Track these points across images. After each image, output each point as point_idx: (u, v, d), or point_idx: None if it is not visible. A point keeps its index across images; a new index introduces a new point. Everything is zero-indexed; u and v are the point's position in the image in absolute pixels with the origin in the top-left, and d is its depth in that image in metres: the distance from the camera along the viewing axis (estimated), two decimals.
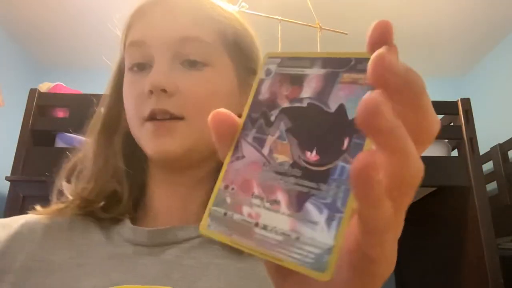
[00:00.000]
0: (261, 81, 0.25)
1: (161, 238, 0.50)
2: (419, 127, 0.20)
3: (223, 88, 0.52)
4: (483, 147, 1.81)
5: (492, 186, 1.89)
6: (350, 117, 0.20)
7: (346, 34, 1.68)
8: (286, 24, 1.64)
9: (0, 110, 1.89)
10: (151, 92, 0.48)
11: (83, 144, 0.56)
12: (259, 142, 0.23)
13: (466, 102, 1.73)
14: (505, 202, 1.81)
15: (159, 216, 0.54)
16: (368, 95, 0.18)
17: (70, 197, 0.52)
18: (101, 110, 0.56)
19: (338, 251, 0.19)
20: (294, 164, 0.21)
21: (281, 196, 0.21)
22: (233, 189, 0.23)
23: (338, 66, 0.21)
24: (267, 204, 0.22)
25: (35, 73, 2.63)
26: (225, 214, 0.23)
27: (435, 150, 1.70)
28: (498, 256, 1.53)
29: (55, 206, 0.53)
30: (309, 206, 0.20)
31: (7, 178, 1.56)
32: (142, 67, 0.51)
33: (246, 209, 0.22)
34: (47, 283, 0.46)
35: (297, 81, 0.23)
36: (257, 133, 0.23)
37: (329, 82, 0.22)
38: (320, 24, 1.67)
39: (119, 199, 0.53)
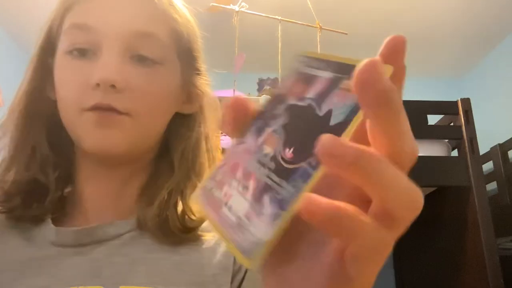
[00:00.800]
0: (287, 77, 0.26)
1: (88, 237, 0.48)
2: (395, 151, 0.19)
3: (170, 87, 0.51)
4: (483, 147, 1.81)
5: (492, 186, 1.89)
6: (332, 122, 0.20)
7: (346, 34, 1.68)
8: (286, 24, 1.64)
9: (0, 110, 1.89)
10: (98, 85, 0.45)
11: (3, 126, 0.52)
12: (260, 132, 0.24)
13: (466, 102, 1.73)
14: (505, 202, 1.81)
15: (90, 212, 0.51)
16: (368, 61, 0.18)
17: None
18: (23, 88, 0.51)
19: (269, 247, 0.20)
20: (273, 158, 0.22)
21: (252, 184, 0.23)
22: (226, 168, 0.25)
23: (344, 72, 0.22)
24: (240, 188, 0.23)
25: None
26: (211, 188, 0.25)
27: (435, 150, 1.70)
28: (498, 256, 1.53)
29: None
30: (266, 199, 0.21)
31: None
32: (84, 52, 0.47)
33: (225, 188, 0.24)
34: None
35: (310, 81, 0.24)
36: (262, 123, 0.25)
37: (330, 87, 0.22)
38: (320, 24, 1.67)
39: (44, 192, 0.49)
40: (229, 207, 0.23)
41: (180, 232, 0.48)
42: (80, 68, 0.46)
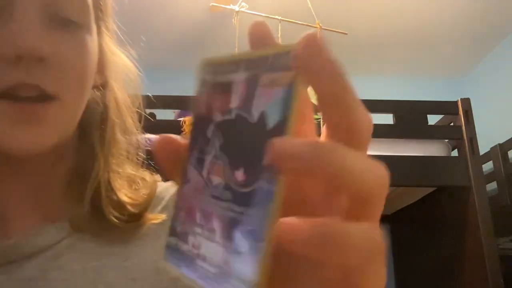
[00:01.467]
0: (199, 94, 0.22)
1: (13, 253, 0.38)
2: (347, 126, 0.18)
3: (93, 54, 0.40)
4: (483, 147, 1.81)
5: (492, 186, 1.89)
6: (270, 126, 0.18)
7: (346, 34, 1.68)
8: (286, 24, 1.64)
9: None
10: (19, 58, 0.33)
11: None
12: (200, 163, 0.21)
13: (466, 102, 1.73)
14: (505, 202, 1.81)
15: (9, 220, 0.40)
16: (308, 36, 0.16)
17: None
18: None
19: (263, 284, 0.17)
20: (226, 186, 0.19)
21: (216, 224, 0.20)
22: (182, 216, 0.22)
23: (258, 67, 0.19)
24: (206, 233, 0.20)
25: None
26: (176, 244, 0.22)
27: (435, 150, 1.70)
28: (498, 256, 1.53)
29: None
30: (237, 235, 0.18)
31: None
32: None
33: (191, 239, 0.21)
34: None
35: (227, 89, 0.20)
36: (199, 153, 0.22)
37: (251, 88, 0.19)
38: (320, 24, 1.67)
39: None
40: (203, 258, 0.20)
41: (123, 223, 0.40)
42: None
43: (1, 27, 0.34)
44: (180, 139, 0.22)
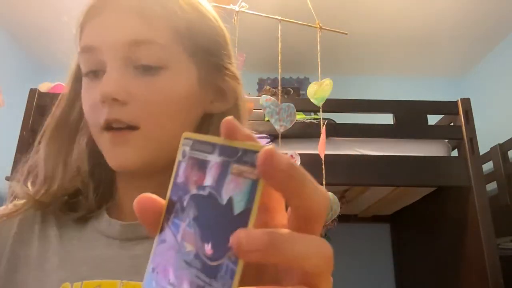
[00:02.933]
0: (179, 163, 0.25)
1: (132, 232, 0.49)
2: (305, 210, 0.22)
3: (181, 90, 0.49)
4: (483, 147, 1.81)
5: (492, 186, 1.89)
6: (236, 211, 0.21)
7: (346, 34, 1.68)
8: (286, 24, 1.64)
9: (0, 110, 1.89)
10: (103, 101, 0.46)
11: (39, 146, 0.54)
12: (176, 227, 0.24)
13: (466, 102, 1.73)
14: (505, 202, 1.81)
15: (128, 216, 0.52)
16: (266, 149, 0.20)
17: (22, 201, 0.52)
18: (58, 111, 0.54)
19: None
20: (197, 255, 0.22)
21: (186, 287, 0.22)
22: (157, 273, 0.24)
23: (230, 156, 0.22)
24: None
25: (35, 73, 2.63)
26: None
27: (435, 150, 1.70)
28: (498, 256, 1.53)
29: (5, 209, 0.52)
30: None
31: (7, 178, 1.56)
32: (96, 73, 0.48)
33: None
34: (19, 278, 0.47)
35: (202, 167, 0.23)
36: (175, 217, 0.24)
37: (223, 172, 0.22)
38: (320, 24, 1.67)
39: (84, 197, 0.52)
40: None
41: None
42: (92, 89, 0.48)
43: (100, 81, 0.47)
44: (158, 198, 0.25)
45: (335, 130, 1.67)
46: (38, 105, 1.69)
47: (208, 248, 0.21)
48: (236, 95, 0.53)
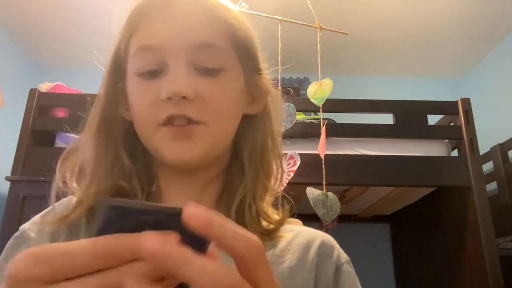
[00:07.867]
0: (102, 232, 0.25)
1: None
2: (231, 253, 0.24)
3: (235, 91, 0.53)
4: (483, 147, 1.81)
5: (492, 186, 1.89)
6: None
7: (346, 34, 1.68)
8: (286, 24, 1.64)
9: (0, 110, 1.89)
10: (169, 98, 0.47)
11: (79, 145, 0.55)
12: None
13: (466, 102, 1.73)
14: (505, 202, 1.81)
15: (165, 198, 0.54)
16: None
17: (74, 203, 0.51)
18: (96, 110, 0.55)
19: None
20: None
21: None
22: None
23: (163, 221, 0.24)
24: None
25: (35, 73, 2.63)
26: None
27: (435, 150, 1.70)
28: (498, 256, 1.53)
29: (58, 214, 0.51)
30: None
31: (7, 178, 1.56)
32: (154, 73, 0.50)
33: None
34: None
35: (137, 230, 0.25)
36: None
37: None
38: (320, 24, 1.67)
39: (130, 197, 0.52)
40: None
41: (260, 236, 0.49)
42: (149, 87, 0.50)
43: (158, 80, 0.49)
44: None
45: (335, 130, 1.67)
46: (38, 105, 1.69)
47: None
48: (266, 98, 0.57)
